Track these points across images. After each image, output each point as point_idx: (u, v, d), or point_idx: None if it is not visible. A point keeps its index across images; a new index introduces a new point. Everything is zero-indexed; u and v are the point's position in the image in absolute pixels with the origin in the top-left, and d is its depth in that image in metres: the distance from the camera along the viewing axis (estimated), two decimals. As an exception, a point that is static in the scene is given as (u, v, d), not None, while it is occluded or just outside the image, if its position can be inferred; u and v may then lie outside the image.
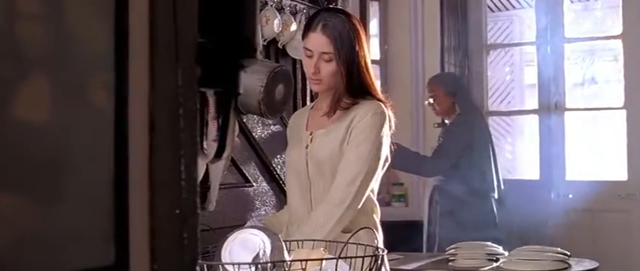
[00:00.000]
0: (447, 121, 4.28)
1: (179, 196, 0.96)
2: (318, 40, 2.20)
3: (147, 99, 0.92)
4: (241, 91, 1.07)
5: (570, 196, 4.76)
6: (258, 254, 1.58)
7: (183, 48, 0.97)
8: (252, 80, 2.93)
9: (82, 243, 0.83)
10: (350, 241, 1.61)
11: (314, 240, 1.87)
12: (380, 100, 2.27)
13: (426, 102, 4.32)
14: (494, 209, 4.19)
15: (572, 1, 5.12)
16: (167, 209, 0.95)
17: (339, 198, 2.12)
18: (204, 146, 1.13)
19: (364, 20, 3.76)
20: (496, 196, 4.20)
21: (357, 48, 2.21)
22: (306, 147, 2.26)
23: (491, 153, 4.22)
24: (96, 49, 0.84)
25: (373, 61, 5.23)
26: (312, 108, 2.40)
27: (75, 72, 0.82)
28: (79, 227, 0.83)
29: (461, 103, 4.20)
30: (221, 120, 1.05)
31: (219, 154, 1.06)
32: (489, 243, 3.25)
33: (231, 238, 1.76)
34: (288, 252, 1.81)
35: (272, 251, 1.63)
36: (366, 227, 1.73)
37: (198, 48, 1.03)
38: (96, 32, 0.84)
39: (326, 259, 1.63)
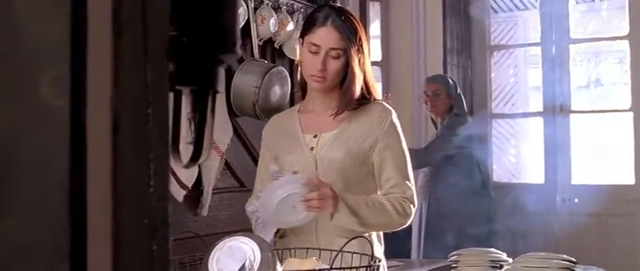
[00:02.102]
0: (438, 122, 4.38)
1: (148, 204, 0.87)
2: (329, 35, 2.11)
3: (110, 97, 0.83)
4: (220, 90, 0.97)
5: (576, 200, 4.66)
6: (244, 265, 1.49)
7: (153, 41, 0.88)
8: (246, 81, 2.86)
9: (31, 261, 0.74)
10: (344, 250, 1.52)
11: (307, 248, 1.78)
12: (384, 101, 2.26)
13: (424, 100, 4.34)
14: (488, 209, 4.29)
15: (577, 2, 5.03)
16: (133, 218, 0.86)
17: (404, 210, 2.13)
18: (181, 149, 1.03)
19: (364, 21, 3.67)
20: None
21: (364, 47, 2.18)
22: (312, 150, 2.17)
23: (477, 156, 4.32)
24: (48, 39, 0.75)
25: (375, 62, 5.16)
26: (299, 110, 2.30)
27: (22, 65, 0.73)
28: (27, 242, 0.73)
29: (458, 105, 4.31)
30: (197, 120, 0.95)
31: (195, 158, 0.96)
32: (493, 250, 3.15)
33: (219, 246, 1.67)
34: (281, 261, 1.72)
35: (261, 260, 1.54)
36: (360, 236, 1.64)
37: (171, 41, 0.95)
38: (48, 20, 0.75)
39: (319, 270, 1.53)
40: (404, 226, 2.16)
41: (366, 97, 2.19)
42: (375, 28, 5.32)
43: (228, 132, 2.67)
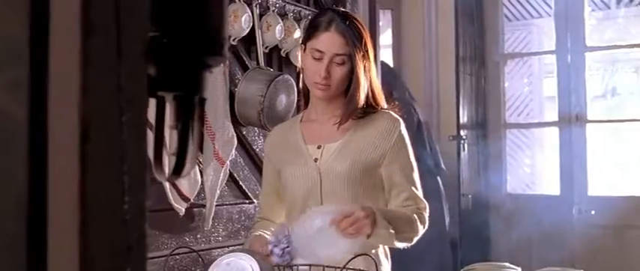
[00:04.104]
0: None
1: (121, 221, 0.79)
2: (333, 41, 2.01)
3: (77, 104, 0.75)
4: (206, 96, 0.88)
5: (593, 212, 4.54)
6: (240, 284, 1.40)
7: (128, 41, 0.80)
8: (251, 89, 2.78)
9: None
10: (348, 268, 1.42)
11: (310, 265, 1.69)
12: (390, 110, 2.15)
13: None
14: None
15: (593, 9, 4.92)
16: (104, 238, 0.78)
17: (424, 220, 2.07)
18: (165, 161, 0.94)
19: (374, 29, 3.58)
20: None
21: (370, 53, 2.07)
22: (316, 161, 2.07)
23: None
24: (2, 36, 0.67)
25: (386, 72, 5.07)
26: (302, 120, 2.20)
27: (-30, 66, 0.65)
28: (-25, 266, 0.65)
29: (399, 94, 4.26)
30: (180, 130, 0.86)
31: (177, 171, 0.87)
32: (507, 264, 3.05)
33: (216, 262, 1.59)
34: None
35: (260, 278, 1.45)
36: (364, 254, 1.55)
37: (152, 42, 0.86)
38: (2, 15, 0.67)
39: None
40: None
41: (373, 106, 2.09)
42: (386, 36, 5.23)
43: (231, 142, 2.58)
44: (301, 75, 2.14)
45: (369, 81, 2.06)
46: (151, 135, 0.90)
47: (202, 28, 0.92)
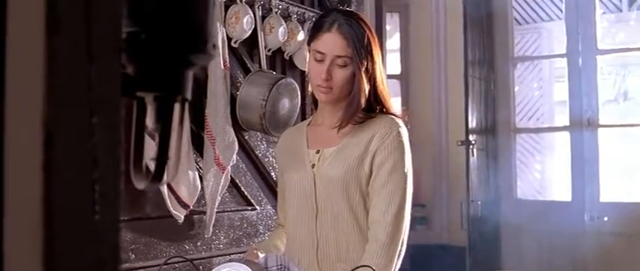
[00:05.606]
0: None
1: (92, 235, 0.72)
2: (334, 42, 1.92)
3: (41, 105, 0.68)
4: (188, 96, 0.81)
5: (605, 219, 4.45)
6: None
7: (99, 36, 0.73)
8: (252, 93, 2.71)
9: None
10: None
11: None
12: (395, 114, 2.03)
13: None
14: None
15: (604, 12, 4.83)
16: (73, 253, 0.71)
17: (389, 234, 1.88)
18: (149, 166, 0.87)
19: (381, 32, 3.51)
20: None
21: (374, 54, 1.97)
22: (313, 167, 2.00)
23: None
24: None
25: (394, 76, 5.00)
26: (309, 124, 2.12)
27: None
28: None
29: None
30: (161, 133, 0.79)
31: (157, 177, 0.80)
32: (517, 273, 2.97)
33: (211, 274, 1.51)
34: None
35: (256, 291, 1.37)
36: (365, 265, 1.47)
37: (129, 39, 0.80)
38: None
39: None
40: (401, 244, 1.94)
41: (376, 110, 2.00)
42: (394, 40, 5.16)
43: (232, 147, 2.51)
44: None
45: (372, 83, 1.97)
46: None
47: (184, 22, 0.85)
